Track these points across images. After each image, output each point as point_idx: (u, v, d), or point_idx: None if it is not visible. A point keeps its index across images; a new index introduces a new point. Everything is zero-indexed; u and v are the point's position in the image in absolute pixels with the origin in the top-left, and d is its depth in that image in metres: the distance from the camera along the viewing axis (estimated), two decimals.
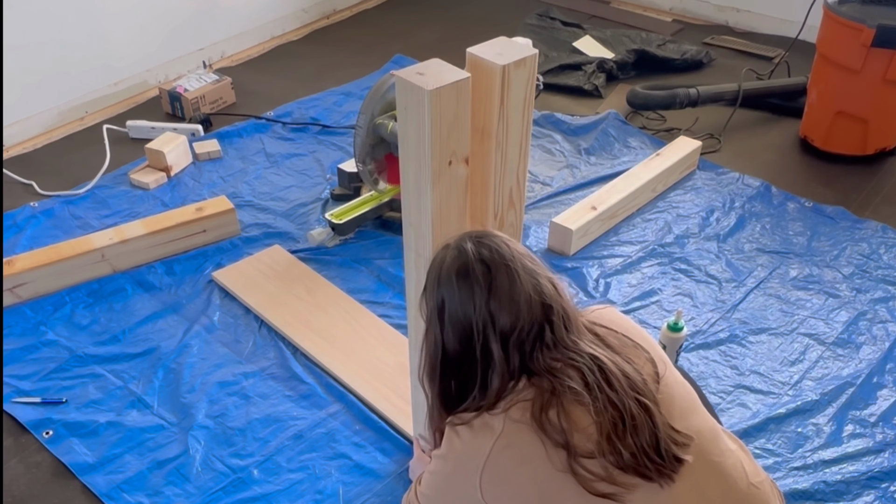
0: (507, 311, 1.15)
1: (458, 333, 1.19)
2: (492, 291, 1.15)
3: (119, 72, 3.36)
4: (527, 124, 1.44)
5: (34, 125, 3.15)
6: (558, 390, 1.14)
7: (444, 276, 1.19)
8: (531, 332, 1.16)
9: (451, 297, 1.18)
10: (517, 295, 1.16)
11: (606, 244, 2.59)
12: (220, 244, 2.57)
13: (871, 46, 2.70)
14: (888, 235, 2.61)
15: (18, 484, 1.85)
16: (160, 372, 2.12)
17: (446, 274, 1.19)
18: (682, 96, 3.17)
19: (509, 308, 1.15)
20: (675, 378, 1.26)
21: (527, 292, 1.16)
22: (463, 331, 1.18)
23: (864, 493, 1.82)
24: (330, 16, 4.22)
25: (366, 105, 2.35)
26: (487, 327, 1.16)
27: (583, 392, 1.13)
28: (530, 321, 1.16)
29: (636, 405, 1.14)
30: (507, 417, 1.15)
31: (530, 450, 1.13)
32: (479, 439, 1.16)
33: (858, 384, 2.08)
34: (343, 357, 2.15)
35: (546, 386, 1.15)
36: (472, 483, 1.17)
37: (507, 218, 1.55)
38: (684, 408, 1.22)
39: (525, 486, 1.14)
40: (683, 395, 1.25)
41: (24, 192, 2.83)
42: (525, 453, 1.13)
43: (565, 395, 1.13)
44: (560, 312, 1.19)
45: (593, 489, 1.11)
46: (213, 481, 1.84)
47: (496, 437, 1.15)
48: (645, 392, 1.17)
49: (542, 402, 1.14)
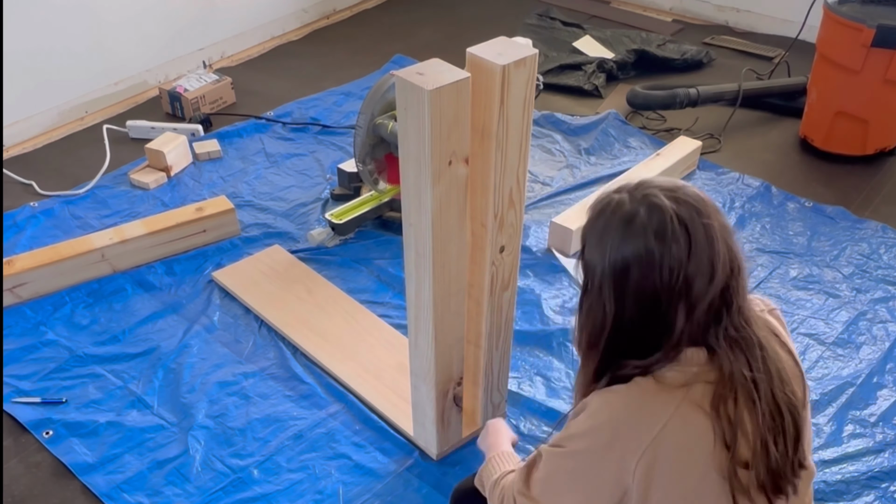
0: (704, 275, 1.02)
1: (641, 300, 1.04)
2: (692, 253, 1.01)
3: (119, 72, 3.36)
4: (527, 124, 1.44)
5: (34, 125, 3.15)
6: (737, 379, 1.03)
7: (632, 238, 1.03)
8: (722, 296, 1.04)
9: (638, 261, 1.02)
10: (715, 256, 1.02)
11: None
12: (220, 244, 2.57)
13: (871, 46, 2.70)
14: (888, 235, 2.61)
15: (18, 484, 1.85)
16: (160, 372, 2.12)
17: (634, 236, 1.03)
18: (682, 96, 3.17)
19: (707, 271, 1.02)
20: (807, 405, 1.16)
21: (724, 253, 1.03)
22: (649, 298, 1.04)
23: (864, 493, 1.82)
24: (330, 16, 4.22)
25: (366, 105, 2.35)
26: (680, 296, 1.03)
27: (752, 388, 1.03)
28: (724, 282, 1.04)
29: (788, 410, 1.06)
30: (687, 396, 1.03)
31: (701, 440, 1.02)
32: (647, 413, 1.04)
33: (858, 384, 2.08)
34: (343, 357, 2.15)
35: (727, 368, 1.04)
36: (631, 459, 1.03)
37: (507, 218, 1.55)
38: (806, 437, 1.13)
39: (683, 476, 1.04)
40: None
41: (24, 192, 2.83)
42: (695, 441, 1.03)
43: (742, 388, 1.03)
44: (744, 274, 1.07)
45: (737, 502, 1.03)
46: (213, 481, 1.84)
47: (670, 415, 1.03)
48: (798, 396, 1.08)
49: (723, 389, 1.03)
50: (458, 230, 1.48)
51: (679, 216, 1.02)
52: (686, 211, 1.03)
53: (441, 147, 1.33)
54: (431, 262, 1.47)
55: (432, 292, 1.52)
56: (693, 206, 1.03)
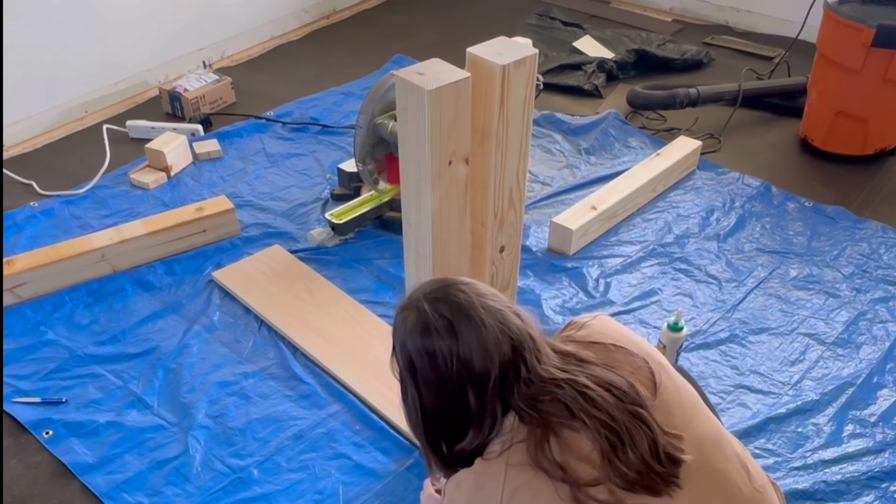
0: (478, 360, 1.14)
1: (433, 390, 1.17)
2: (459, 343, 1.14)
3: (119, 72, 3.36)
4: (527, 124, 1.44)
5: (34, 125, 3.15)
6: (549, 422, 1.13)
7: (409, 338, 1.18)
8: (506, 374, 1.15)
9: (419, 357, 1.17)
10: (485, 341, 1.14)
11: (606, 244, 2.59)
12: (220, 244, 2.57)
13: (871, 46, 2.70)
14: (888, 235, 2.61)
15: (18, 484, 1.85)
16: (160, 372, 2.12)
17: (410, 336, 1.18)
18: (682, 96, 3.17)
19: (480, 356, 1.14)
20: (674, 383, 1.24)
21: (494, 335, 1.15)
22: (438, 387, 1.17)
23: (864, 493, 1.81)
24: (330, 16, 4.22)
25: (366, 105, 2.35)
26: (462, 379, 1.14)
27: (571, 421, 1.12)
28: (503, 363, 1.14)
29: (628, 417, 1.13)
30: (507, 462, 1.13)
31: (537, 489, 1.11)
32: (486, 491, 1.14)
33: (858, 384, 2.08)
34: (343, 357, 2.15)
35: (536, 420, 1.13)
36: None
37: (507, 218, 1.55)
38: (686, 413, 1.21)
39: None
40: (684, 400, 1.24)
41: (24, 192, 2.83)
42: (533, 493, 1.12)
43: (558, 425, 1.12)
44: (530, 346, 1.17)
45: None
46: (213, 481, 1.84)
47: (502, 485, 1.13)
48: (634, 399, 1.15)
49: (535, 439, 1.12)
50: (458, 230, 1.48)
51: (442, 315, 1.15)
52: (447, 309, 1.16)
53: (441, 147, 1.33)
54: (431, 262, 1.47)
55: None
56: (454, 303, 1.16)
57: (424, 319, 1.16)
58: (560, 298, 2.37)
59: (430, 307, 1.17)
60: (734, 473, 1.22)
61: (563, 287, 2.42)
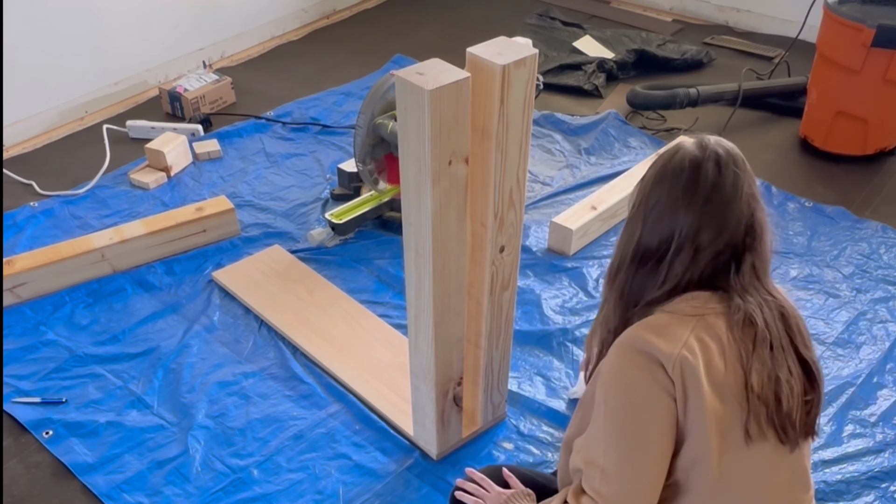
0: (713, 226, 1.13)
1: (658, 232, 1.17)
2: (708, 201, 1.13)
3: (119, 72, 3.36)
4: (527, 124, 1.44)
5: (34, 125, 3.15)
6: (747, 313, 1.13)
7: (670, 170, 1.16)
8: (725, 253, 1.15)
9: (664, 194, 1.15)
10: (731, 213, 1.13)
11: (606, 244, 2.59)
12: (220, 244, 2.57)
13: (871, 46, 2.70)
14: (888, 235, 2.61)
15: (18, 484, 1.85)
16: (160, 372, 2.12)
17: (672, 169, 1.15)
18: (682, 96, 3.17)
19: (717, 224, 1.13)
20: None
21: (739, 212, 1.14)
22: (663, 231, 1.16)
23: (864, 493, 1.81)
24: (330, 16, 4.22)
25: (366, 105, 2.35)
26: (688, 236, 1.14)
27: (765, 331, 1.13)
28: (730, 242, 1.15)
29: (799, 367, 1.15)
30: (700, 323, 1.14)
31: (717, 361, 1.12)
32: (671, 333, 1.13)
33: (858, 384, 2.08)
34: (343, 357, 2.15)
35: (736, 303, 1.14)
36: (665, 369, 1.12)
37: (507, 218, 1.55)
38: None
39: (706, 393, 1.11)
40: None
41: (24, 192, 2.83)
42: (711, 360, 1.12)
43: (748, 324, 1.13)
44: (764, 242, 1.17)
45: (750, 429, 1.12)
46: (213, 481, 1.84)
47: (687, 334, 1.13)
48: (816, 360, 1.18)
49: (733, 319, 1.14)
50: (458, 230, 1.48)
51: (719, 159, 1.13)
52: (726, 157, 1.14)
53: (441, 147, 1.33)
54: (431, 262, 1.47)
55: (432, 292, 1.52)
56: (734, 157, 1.15)
57: (702, 150, 1.14)
58: (560, 298, 2.37)
59: (717, 148, 1.14)
60: (803, 475, 1.24)
61: (563, 287, 2.42)
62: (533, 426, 1.98)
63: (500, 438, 1.94)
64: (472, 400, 1.89)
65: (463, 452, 1.90)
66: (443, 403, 1.75)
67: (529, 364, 2.15)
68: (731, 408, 1.13)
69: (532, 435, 1.95)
